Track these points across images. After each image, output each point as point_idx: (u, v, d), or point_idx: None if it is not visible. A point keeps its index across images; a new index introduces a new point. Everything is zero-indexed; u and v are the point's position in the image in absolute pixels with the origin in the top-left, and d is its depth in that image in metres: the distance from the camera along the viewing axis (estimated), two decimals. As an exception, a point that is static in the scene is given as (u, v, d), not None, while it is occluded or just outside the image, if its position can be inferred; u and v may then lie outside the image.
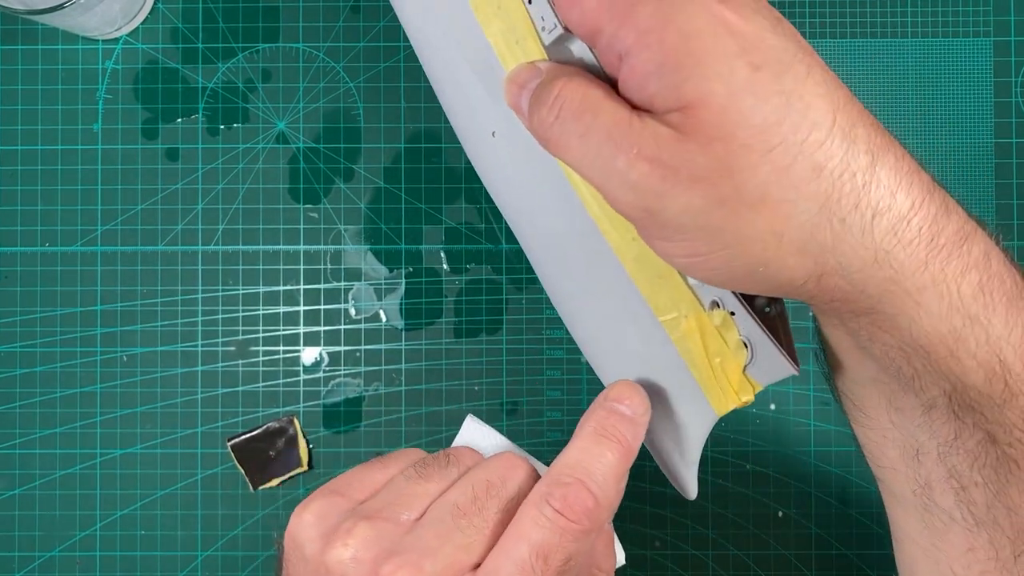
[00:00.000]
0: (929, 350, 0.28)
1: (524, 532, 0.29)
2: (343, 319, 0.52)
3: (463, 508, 0.30)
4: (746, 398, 0.33)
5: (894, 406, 0.31)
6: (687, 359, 0.34)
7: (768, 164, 0.26)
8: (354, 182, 0.52)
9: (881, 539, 0.51)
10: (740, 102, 0.26)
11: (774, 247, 0.26)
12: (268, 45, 0.53)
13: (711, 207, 0.26)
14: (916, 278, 0.27)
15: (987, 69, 0.52)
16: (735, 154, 0.26)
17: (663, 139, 0.26)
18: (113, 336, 0.52)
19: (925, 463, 0.31)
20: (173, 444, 0.52)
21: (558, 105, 0.28)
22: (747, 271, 0.27)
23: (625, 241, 0.33)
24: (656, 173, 0.26)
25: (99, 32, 0.51)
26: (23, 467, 0.52)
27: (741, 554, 0.52)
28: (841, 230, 0.26)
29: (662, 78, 0.26)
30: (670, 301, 0.33)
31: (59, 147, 0.52)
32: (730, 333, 0.33)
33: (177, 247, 0.52)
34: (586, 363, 0.52)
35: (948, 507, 0.31)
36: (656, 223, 0.27)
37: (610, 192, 0.27)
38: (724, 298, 0.32)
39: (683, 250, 0.28)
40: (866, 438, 0.34)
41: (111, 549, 0.52)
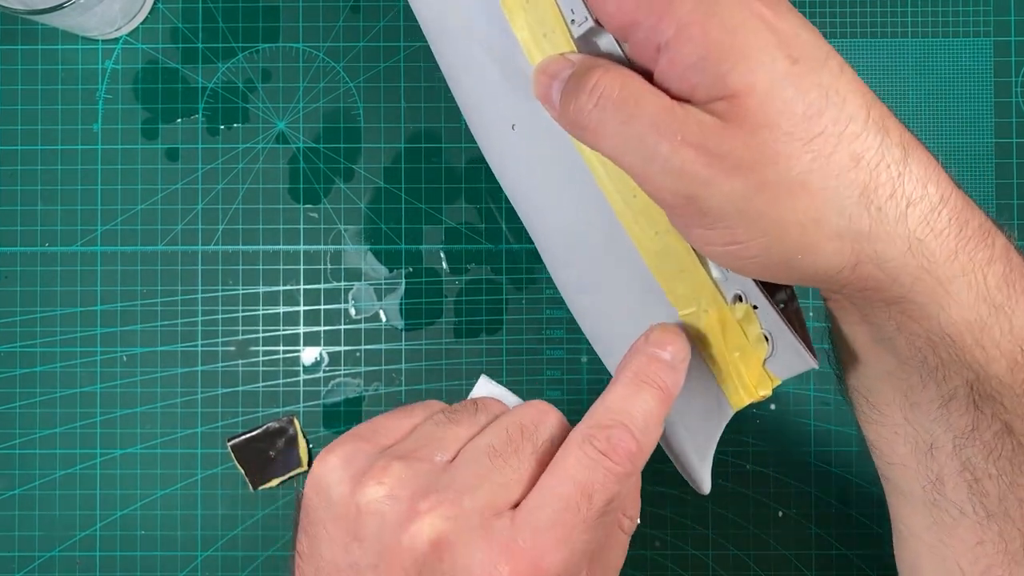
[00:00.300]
0: (956, 339, 0.29)
1: (568, 470, 0.29)
2: (343, 319, 0.52)
3: (498, 449, 0.30)
4: (764, 392, 0.33)
5: (909, 401, 0.32)
6: (705, 354, 0.34)
7: (810, 152, 0.27)
8: (354, 182, 0.52)
9: (881, 539, 0.51)
10: (782, 92, 0.27)
11: (813, 234, 0.27)
12: (268, 45, 0.53)
13: (753, 194, 0.27)
14: (946, 267, 0.28)
15: (987, 69, 0.52)
16: (779, 142, 0.27)
17: (708, 127, 0.27)
18: (113, 336, 0.52)
19: (938, 457, 0.32)
20: (173, 444, 0.52)
21: (597, 93, 0.28)
22: (785, 258, 0.28)
23: (647, 235, 0.33)
24: (701, 160, 0.27)
25: (99, 32, 0.51)
26: (23, 467, 0.52)
27: (741, 554, 0.52)
28: (878, 218, 0.27)
29: (705, 69, 0.27)
30: (690, 295, 0.33)
31: (59, 147, 0.52)
32: (751, 327, 0.33)
33: (177, 247, 0.52)
34: (586, 363, 0.52)
35: (959, 501, 0.32)
36: (697, 210, 0.28)
37: (651, 179, 0.28)
38: (747, 292, 0.33)
39: (722, 238, 0.28)
40: (876, 435, 0.34)
41: (111, 549, 0.52)
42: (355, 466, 0.30)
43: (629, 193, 0.33)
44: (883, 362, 0.32)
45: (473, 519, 0.28)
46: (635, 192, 0.33)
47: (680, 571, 0.52)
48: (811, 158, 0.27)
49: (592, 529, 0.29)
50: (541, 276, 0.52)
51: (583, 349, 0.52)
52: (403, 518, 0.28)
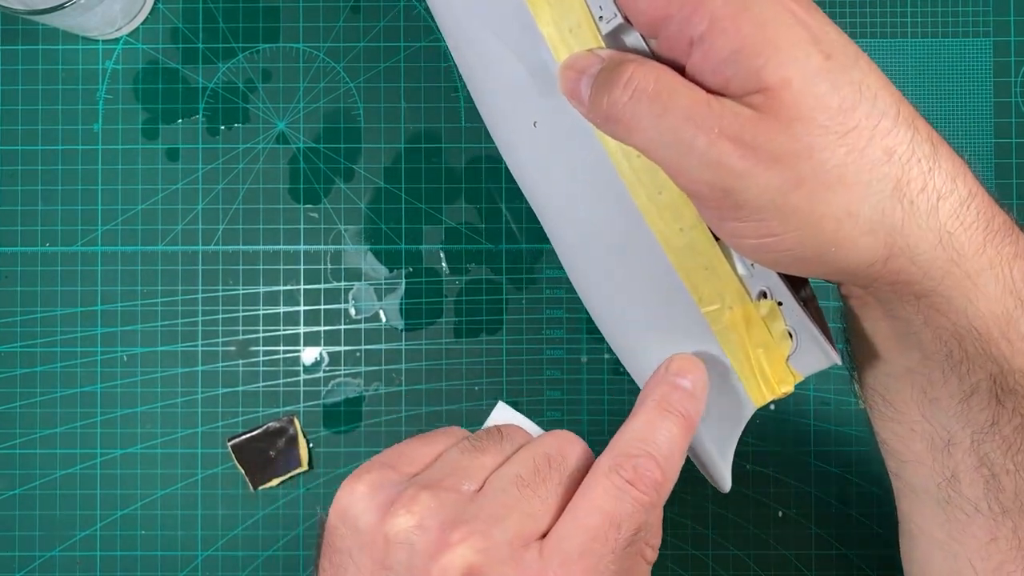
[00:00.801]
0: (982, 332, 0.29)
1: (595, 501, 0.29)
2: (343, 319, 0.52)
3: (526, 479, 0.30)
4: (786, 389, 0.34)
5: (928, 397, 0.32)
6: (727, 350, 0.34)
7: (845, 146, 0.27)
8: (354, 182, 0.52)
9: (881, 539, 0.51)
10: (817, 86, 0.27)
11: (848, 227, 0.28)
12: (268, 45, 0.53)
13: (789, 187, 0.27)
14: (975, 260, 0.28)
15: (987, 69, 0.52)
16: (815, 135, 0.27)
17: (745, 119, 0.27)
18: (113, 336, 0.52)
19: (955, 454, 0.32)
20: (173, 444, 0.52)
21: (632, 86, 0.28)
22: (819, 252, 0.28)
23: (672, 231, 0.33)
24: (737, 152, 0.27)
25: (99, 32, 0.51)
26: (23, 467, 0.52)
27: (741, 554, 0.52)
28: (910, 211, 0.28)
29: (740, 62, 0.27)
30: (715, 292, 0.34)
31: (59, 147, 0.52)
32: (776, 323, 0.33)
33: (177, 247, 0.52)
34: (586, 363, 0.52)
35: (974, 497, 0.32)
36: (732, 203, 0.28)
37: (686, 172, 0.28)
38: (772, 288, 0.33)
39: (756, 231, 0.28)
40: (891, 433, 0.34)
41: (111, 549, 0.52)
42: (382, 494, 0.30)
43: (655, 189, 0.33)
44: (904, 358, 0.32)
45: (503, 550, 0.28)
46: (661, 188, 0.33)
47: (680, 571, 0.52)
48: (845, 152, 0.27)
49: (620, 559, 0.29)
50: (541, 276, 0.52)
51: (583, 349, 0.52)
52: (433, 549, 0.28)
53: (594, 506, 0.29)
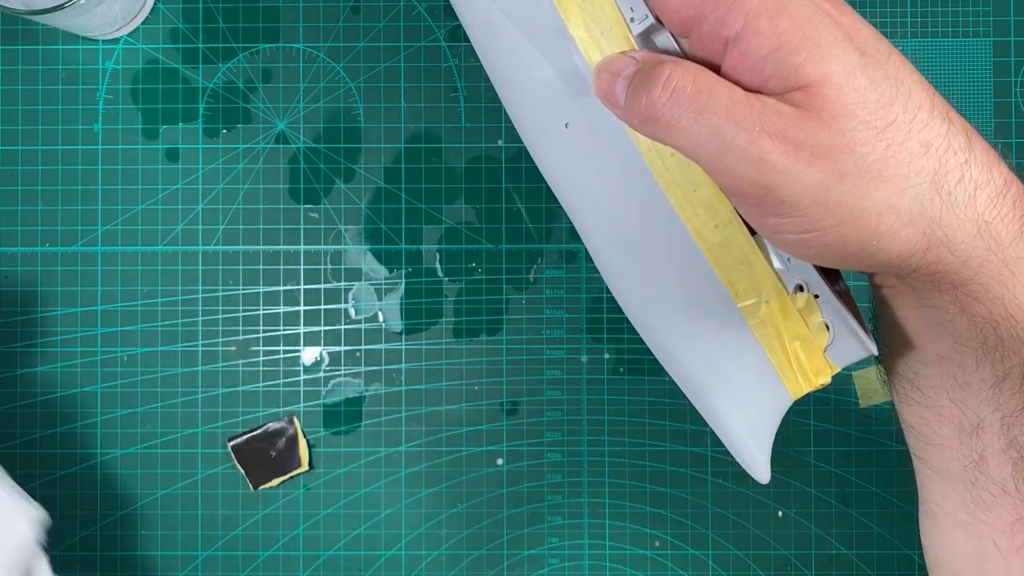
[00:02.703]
0: (1018, 318, 0.30)
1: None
2: (343, 319, 0.52)
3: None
4: (823, 380, 0.34)
5: (959, 383, 0.32)
6: (764, 344, 0.34)
7: (885, 140, 0.28)
8: (354, 182, 0.52)
9: (881, 539, 0.52)
10: (856, 82, 0.27)
11: (889, 220, 0.28)
12: (268, 45, 0.53)
13: (831, 182, 0.28)
14: (1012, 248, 0.29)
15: (987, 69, 0.52)
16: (856, 130, 0.27)
17: (786, 116, 0.28)
18: (113, 336, 0.52)
19: (983, 437, 0.32)
20: (173, 444, 0.52)
21: (671, 86, 0.29)
22: (860, 245, 0.29)
23: (707, 228, 0.34)
24: (779, 149, 0.27)
25: (99, 32, 0.51)
26: (23, 467, 0.52)
27: (741, 554, 0.52)
28: (948, 202, 0.28)
29: (779, 60, 0.28)
30: (751, 287, 0.34)
31: (59, 147, 0.52)
32: (812, 316, 0.34)
33: (177, 247, 0.52)
34: (586, 363, 0.52)
35: (1002, 479, 0.32)
36: (774, 200, 0.28)
37: (727, 170, 0.28)
38: (809, 281, 0.33)
39: (799, 226, 0.29)
40: (918, 417, 0.35)
41: (111, 549, 0.52)
42: None
43: (689, 187, 0.34)
44: (935, 346, 0.33)
45: None
46: (696, 186, 0.34)
47: (680, 571, 0.52)
48: (885, 146, 0.28)
49: None
50: (541, 276, 0.52)
51: (583, 349, 0.52)
52: None
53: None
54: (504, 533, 0.52)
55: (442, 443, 0.52)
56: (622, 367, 0.52)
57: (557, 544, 0.52)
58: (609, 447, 0.52)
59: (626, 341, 0.52)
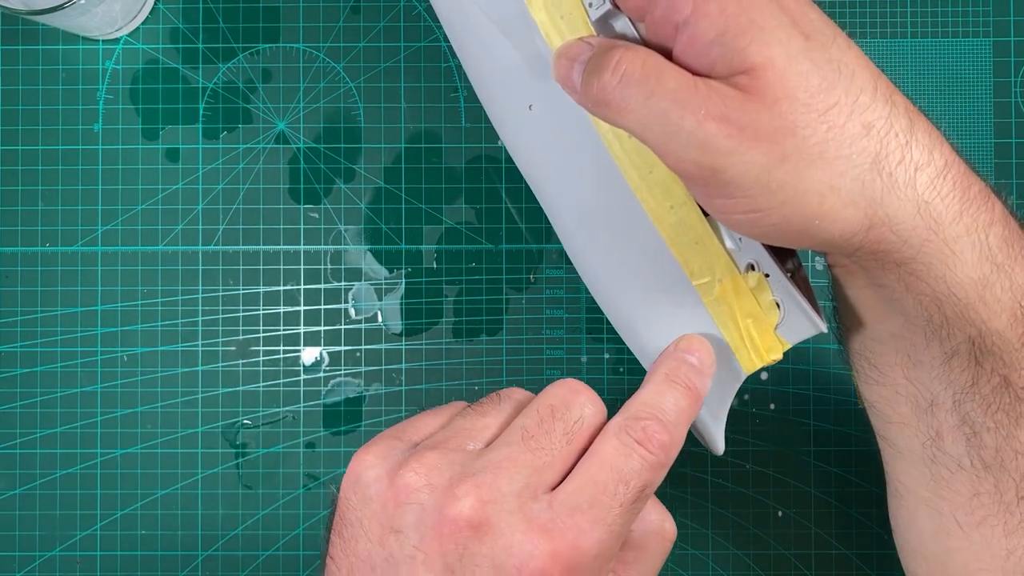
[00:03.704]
0: (960, 296, 0.30)
1: (606, 458, 0.30)
2: (343, 319, 0.52)
3: (530, 431, 0.31)
4: (774, 356, 0.35)
5: (912, 360, 0.33)
6: (718, 321, 0.35)
7: (826, 123, 0.28)
8: (354, 182, 0.52)
9: (881, 539, 0.52)
10: (799, 66, 0.28)
11: (830, 201, 0.29)
12: (268, 45, 0.53)
13: (774, 164, 0.28)
14: (952, 228, 0.30)
15: (987, 69, 0.52)
16: (798, 113, 0.28)
17: (730, 99, 0.28)
18: (113, 336, 0.52)
19: (938, 414, 0.33)
20: (173, 444, 0.52)
21: (620, 70, 0.29)
22: (804, 225, 0.29)
23: (663, 209, 0.35)
24: (724, 131, 0.28)
25: (99, 32, 0.51)
26: (24, 467, 0.52)
27: (741, 554, 0.52)
28: (889, 183, 0.29)
29: (725, 44, 0.28)
30: (705, 266, 0.35)
31: (59, 147, 0.52)
32: (763, 295, 0.34)
33: (178, 247, 0.52)
34: (586, 363, 0.52)
35: (958, 454, 0.33)
36: (719, 181, 0.29)
37: (673, 152, 0.29)
38: (759, 261, 0.34)
39: (743, 207, 0.29)
40: (877, 396, 0.35)
41: (112, 549, 0.52)
42: (391, 461, 0.31)
43: (645, 168, 0.34)
44: (888, 324, 0.33)
45: (511, 501, 0.29)
46: (651, 167, 0.34)
47: (680, 571, 0.52)
48: (826, 128, 0.28)
49: (625, 514, 0.30)
50: (541, 276, 0.52)
51: (583, 349, 0.52)
52: (441, 504, 0.29)
53: (604, 463, 0.30)
54: (504, 533, 0.52)
55: (442, 443, 0.52)
56: (622, 367, 0.52)
57: (557, 544, 0.52)
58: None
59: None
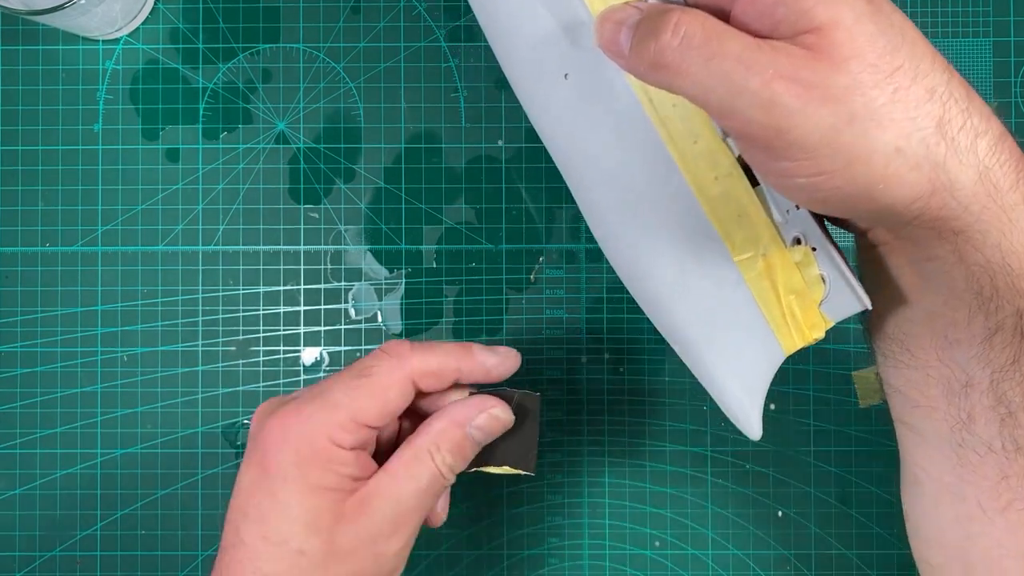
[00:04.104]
0: (1014, 266, 0.30)
1: (354, 364, 0.39)
2: (343, 319, 0.52)
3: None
4: (817, 335, 0.34)
5: (949, 340, 0.33)
6: (759, 299, 0.34)
7: (893, 84, 0.28)
8: (354, 182, 0.52)
9: (881, 539, 0.51)
10: (866, 27, 0.28)
11: (896, 163, 0.29)
12: (268, 45, 0.53)
13: (842, 124, 0.28)
14: (1009, 195, 0.30)
15: (987, 69, 0.52)
16: (866, 72, 0.28)
17: (798, 59, 0.28)
18: (114, 336, 0.52)
19: (971, 395, 0.33)
20: (174, 444, 0.52)
21: (680, 32, 0.29)
22: (867, 188, 0.29)
23: (707, 180, 0.34)
24: (791, 91, 0.28)
25: (99, 32, 0.51)
26: (24, 467, 0.52)
27: (741, 554, 0.52)
28: (952, 147, 0.29)
29: (789, 4, 0.28)
30: (748, 240, 0.34)
31: (60, 147, 0.52)
32: (809, 269, 0.34)
33: (178, 247, 0.52)
34: (586, 363, 0.52)
35: (988, 437, 0.33)
36: (784, 143, 0.29)
37: (738, 114, 0.29)
38: (807, 234, 0.33)
39: (807, 169, 0.29)
40: (905, 380, 0.35)
41: (112, 549, 0.52)
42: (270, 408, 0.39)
43: (690, 138, 0.34)
44: (926, 302, 0.33)
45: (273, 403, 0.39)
46: (696, 137, 0.33)
47: (680, 571, 0.52)
48: (893, 90, 0.28)
49: (346, 387, 0.37)
50: (541, 276, 0.52)
51: (583, 349, 0.52)
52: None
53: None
54: (504, 533, 0.52)
55: (442, 443, 0.52)
56: (622, 367, 0.52)
57: (557, 544, 0.52)
58: (609, 447, 0.52)
59: (626, 341, 0.52)
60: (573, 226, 0.52)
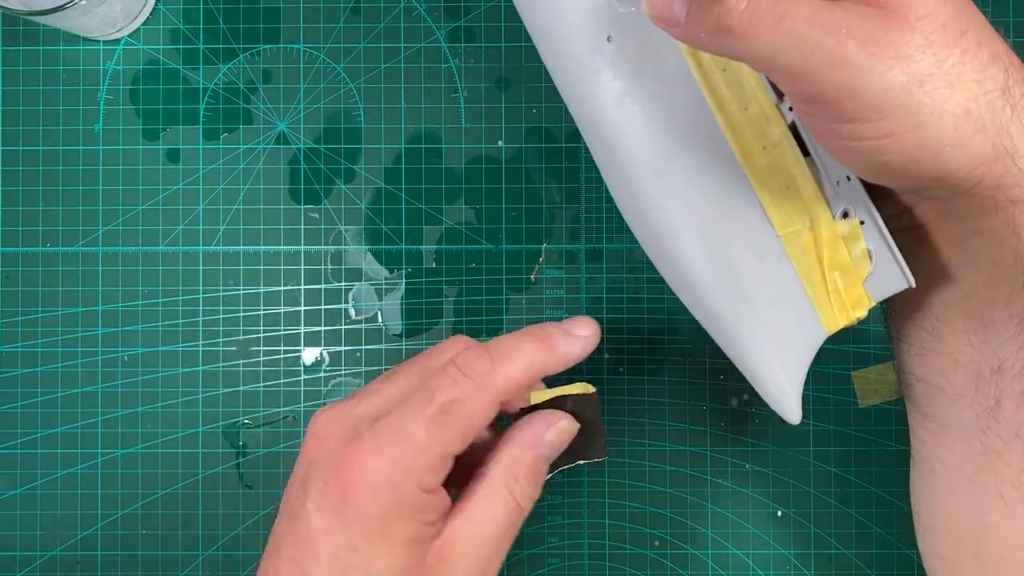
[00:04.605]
0: None
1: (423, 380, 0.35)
2: (343, 319, 0.52)
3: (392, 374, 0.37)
4: (860, 313, 0.34)
5: (984, 322, 0.33)
6: (802, 275, 0.34)
7: (961, 46, 0.28)
8: (355, 183, 0.52)
9: (881, 539, 0.51)
10: None
11: (964, 126, 0.29)
12: (269, 46, 0.53)
13: (913, 83, 0.28)
14: None
15: (987, 69, 0.52)
16: (936, 32, 0.28)
17: (870, 19, 0.28)
18: (114, 336, 0.52)
19: (1002, 380, 0.33)
20: (174, 444, 0.52)
21: None
22: (935, 151, 0.29)
23: (755, 149, 0.33)
24: (865, 50, 0.28)
25: (100, 33, 0.51)
26: (24, 467, 0.52)
27: (741, 554, 0.52)
28: (1017, 113, 0.29)
29: None
30: (794, 213, 0.33)
31: (60, 148, 0.52)
32: (856, 244, 0.33)
33: (178, 247, 0.52)
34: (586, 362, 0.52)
35: (1017, 423, 0.32)
36: (857, 103, 0.28)
37: (810, 74, 0.28)
38: (856, 207, 0.33)
39: (878, 130, 0.29)
40: (930, 368, 0.35)
41: (112, 549, 0.52)
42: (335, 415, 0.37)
43: (739, 106, 0.33)
44: (966, 281, 0.33)
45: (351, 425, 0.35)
46: (747, 103, 0.33)
47: (680, 571, 0.52)
48: (961, 52, 0.28)
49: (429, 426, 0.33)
50: (541, 276, 0.52)
51: (583, 349, 0.52)
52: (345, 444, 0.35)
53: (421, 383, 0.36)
54: (504, 533, 0.52)
55: (442, 443, 0.52)
56: (622, 367, 0.52)
57: (557, 544, 0.52)
58: (609, 447, 0.52)
59: (626, 341, 0.52)
60: (573, 226, 0.52)
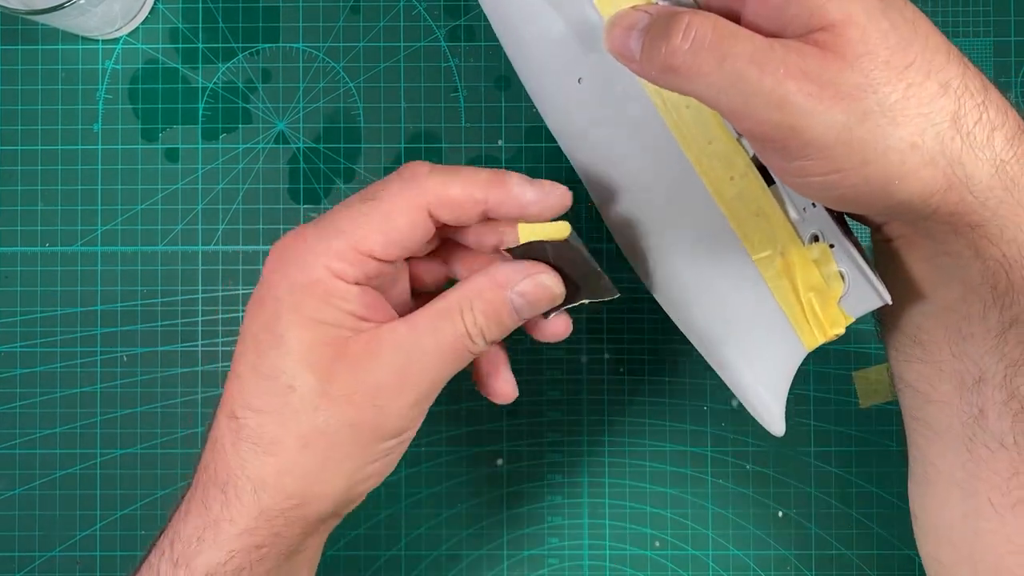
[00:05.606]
0: None
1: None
2: (343, 319, 0.52)
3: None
4: (837, 331, 0.35)
5: (963, 334, 0.33)
6: (779, 296, 0.35)
7: (905, 80, 0.28)
8: (354, 182, 0.52)
9: (881, 539, 0.51)
10: (877, 23, 0.28)
11: (911, 159, 0.28)
12: (268, 45, 0.53)
13: (855, 122, 0.28)
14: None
15: (987, 69, 0.52)
16: (878, 69, 0.28)
17: (810, 57, 0.28)
18: (113, 336, 0.52)
19: (984, 390, 0.33)
20: (173, 444, 0.52)
21: (691, 35, 0.29)
22: (883, 186, 0.29)
23: (723, 180, 0.34)
24: (804, 89, 0.28)
25: (99, 32, 0.51)
26: (23, 467, 0.52)
27: (741, 554, 0.52)
28: (968, 142, 0.29)
29: (802, 2, 0.28)
30: (766, 238, 0.34)
31: (59, 147, 0.52)
32: (827, 266, 0.34)
33: (177, 247, 0.52)
34: (586, 363, 0.52)
35: (1000, 432, 0.32)
36: (799, 142, 0.28)
37: (752, 114, 0.29)
38: (824, 231, 0.34)
39: (823, 168, 0.29)
40: (917, 375, 0.35)
41: (111, 549, 0.52)
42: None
43: (705, 140, 0.34)
44: (941, 297, 0.33)
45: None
46: (711, 139, 0.34)
47: (680, 571, 0.52)
48: (905, 86, 0.28)
49: (351, 212, 0.34)
50: (541, 276, 0.52)
51: (583, 349, 0.52)
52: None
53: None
54: (504, 533, 0.52)
55: (442, 443, 0.52)
56: (622, 367, 0.52)
57: (557, 544, 0.52)
58: (609, 447, 0.52)
59: (626, 341, 0.52)
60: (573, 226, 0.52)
